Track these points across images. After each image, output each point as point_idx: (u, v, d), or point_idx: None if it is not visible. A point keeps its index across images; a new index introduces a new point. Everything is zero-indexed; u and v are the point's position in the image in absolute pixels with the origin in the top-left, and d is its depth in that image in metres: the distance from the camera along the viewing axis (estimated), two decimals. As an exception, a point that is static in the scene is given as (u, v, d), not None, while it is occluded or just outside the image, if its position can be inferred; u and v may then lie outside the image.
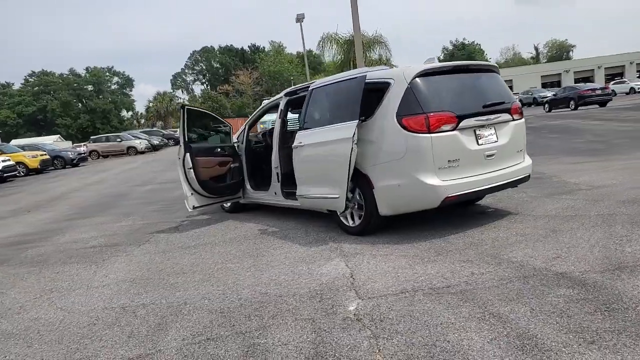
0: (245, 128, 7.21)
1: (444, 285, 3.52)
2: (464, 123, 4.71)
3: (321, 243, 5.09)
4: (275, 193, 6.51)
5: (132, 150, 33.17)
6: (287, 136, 6.51)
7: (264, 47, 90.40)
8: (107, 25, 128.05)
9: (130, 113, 79.92)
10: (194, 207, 6.73)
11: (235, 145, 7.19)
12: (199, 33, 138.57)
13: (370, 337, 2.86)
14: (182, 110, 6.56)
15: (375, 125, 4.84)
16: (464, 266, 3.87)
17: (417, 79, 4.70)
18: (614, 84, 46.32)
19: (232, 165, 6.97)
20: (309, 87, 6.09)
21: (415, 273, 3.85)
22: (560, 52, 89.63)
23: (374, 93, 4.91)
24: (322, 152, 5.15)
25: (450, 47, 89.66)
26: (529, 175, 5.39)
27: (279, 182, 6.39)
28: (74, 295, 4.36)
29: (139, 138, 34.98)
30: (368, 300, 3.41)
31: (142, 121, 71.50)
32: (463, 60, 18.41)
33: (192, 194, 6.68)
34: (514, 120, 5.22)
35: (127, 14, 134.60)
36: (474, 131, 4.82)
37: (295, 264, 4.49)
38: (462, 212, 5.69)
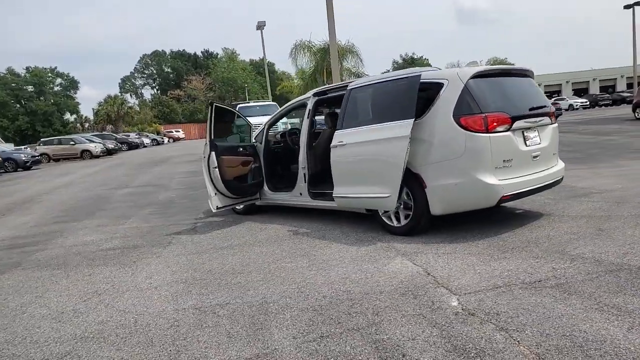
0: (265, 128, 7.07)
1: (534, 280, 3.56)
2: (516, 124, 4.83)
3: (368, 243, 5.04)
4: (301, 194, 6.40)
5: (86, 154, 31.67)
6: (315, 136, 6.43)
7: (217, 54, 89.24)
8: (52, 24, 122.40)
9: (74, 116, 76.27)
10: (217, 208, 6.50)
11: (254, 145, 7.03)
12: (149, 36, 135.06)
13: (497, 329, 2.85)
14: (209, 107, 6.34)
15: (428, 124, 4.86)
16: (539, 262, 3.94)
17: (472, 80, 4.77)
18: (554, 101, 49.07)
19: (253, 166, 6.80)
20: (342, 87, 6.06)
21: (493, 269, 3.88)
22: None
23: (423, 93, 4.93)
24: (370, 150, 5.11)
25: (400, 61, 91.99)
26: (562, 178, 5.58)
27: (306, 182, 6.29)
28: (128, 297, 4.08)
29: (93, 142, 33.48)
30: (466, 296, 3.40)
31: (87, 125, 68.43)
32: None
33: (215, 194, 6.46)
34: (552, 123, 5.40)
35: (73, 14, 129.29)
36: (522, 133, 4.94)
37: (356, 262, 4.41)
38: (488, 214, 5.68)
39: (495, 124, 4.66)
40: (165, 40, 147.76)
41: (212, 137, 6.34)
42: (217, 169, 6.32)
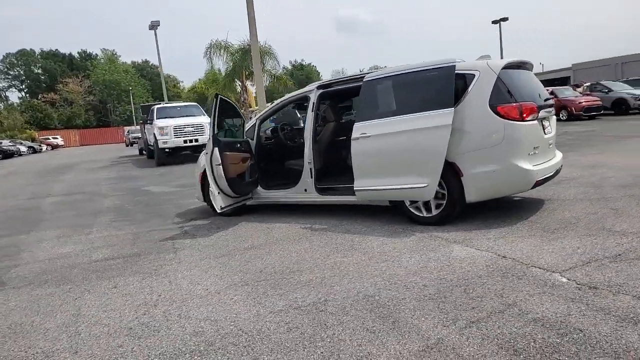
0: (256, 123, 6.72)
1: (614, 254, 3.79)
2: (540, 114, 5.12)
3: (405, 234, 5.01)
4: (306, 190, 6.19)
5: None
6: (319, 131, 6.26)
7: (96, 54, 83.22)
8: None
9: None
10: (221, 208, 6.04)
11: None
12: (13, 33, 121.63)
13: (636, 298, 2.98)
14: (215, 99, 5.87)
15: (462, 113, 4.95)
16: (597, 239, 4.20)
17: (502, 70, 4.97)
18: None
19: (250, 163, 6.43)
20: (347, 80, 5.97)
21: (563, 248, 4.06)
22: None
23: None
24: (403, 141, 5.09)
25: (290, 67, 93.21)
26: (562, 166, 6.02)
27: (312, 178, 6.09)
28: (194, 305, 3.63)
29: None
30: (568, 273, 3.52)
31: None
32: (303, 79, 19.72)
33: (219, 192, 6.00)
34: (554, 114, 5.81)
35: None
36: (541, 122, 5.25)
37: (416, 253, 4.35)
38: (488, 204, 5.71)
39: (527, 112, 4.90)
40: (32, 38, 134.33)
41: (216, 132, 5.89)
42: (220, 166, 5.88)
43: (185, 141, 16.79)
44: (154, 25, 34.73)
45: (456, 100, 5.01)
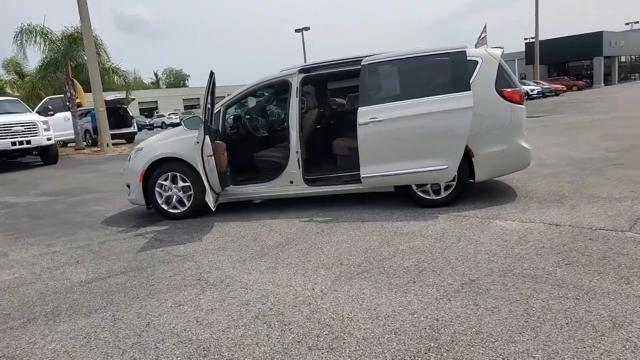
0: (222, 110, 5.97)
1: (643, 214, 4.42)
2: (524, 99, 5.67)
3: (426, 217, 5.02)
4: (292, 182, 5.76)
5: None
6: (303, 117, 5.88)
7: None
8: None
9: None
10: (214, 206, 5.21)
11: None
12: None
13: None
14: (210, 78, 5.00)
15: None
16: (616, 204, 4.82)
17: (500, 58, 5.37)
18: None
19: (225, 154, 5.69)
20: (334, 64, 5.77)
21: (593, 214, 4.58)
22: (177, 80, 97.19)
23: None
24: (422, 123, 5.09)
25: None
26: None
27: (299, 168, 5.70)
28: (331, 306, 3.13)
29: None
30: (633, 229, 3.99)
31: None
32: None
33: (210, 188, 5.17)
34: None
35: None
36: None
37: (462, 234, 4.40)
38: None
39: (523, 97, 5.38)
40: None
41: (206, 117, 5.06)
42: (212, 157, 5.08)
43: (14, 143, 13.91)
44: None
45: (462, 85, 5.20)
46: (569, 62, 54.38)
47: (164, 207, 6.05)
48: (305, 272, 3.74)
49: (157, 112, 60.71)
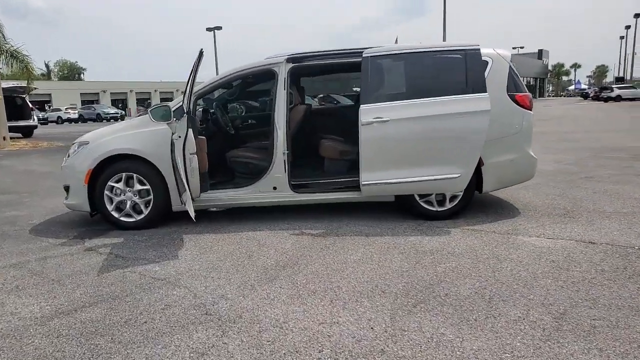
0: (192, 100, 4.96)
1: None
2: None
3: (436, 231, 4.53)
4: (276, 188, 4.97)
5: None
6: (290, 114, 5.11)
7: None
8: None
9: None
10: (194, 214, 4.26)
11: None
12: None
13: None
14: (199, 58, 4.05)
15: (481, 101, 4.78)
16: (629, 220, 4.63)
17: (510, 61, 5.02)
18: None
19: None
20: (327, 54, 5.09)
21: (618, 230, 4.34)
22: (72, 72, 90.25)
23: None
24: (433, 126, 4.55)
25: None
26: None
27: (286, 172, 4.93)
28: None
29: None
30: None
31: None
32: None
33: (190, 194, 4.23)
34: None
35: None
36: None
37: (492, 247, 3.98)
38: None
39: (532, 102, 5.06)
40: None
41: (190, 105, 4.13)
42: (195, 156, 4.16)
43: None
44: None
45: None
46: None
47: (115, 214, 4.97)
48: (344, 303, 3.01)
49: (50, 106, 55.41)
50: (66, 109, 46.09)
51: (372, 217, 5.06)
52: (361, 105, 4.62)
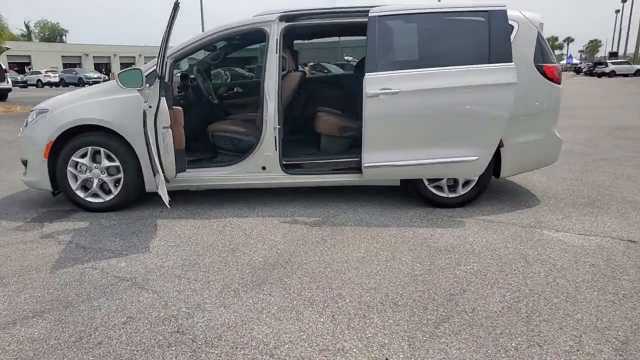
0: (167, 64, 4.24)
1: None
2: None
3: (444, 222, 3.97)
4: (265, 168, 4.34)
5: None
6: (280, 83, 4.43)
7: None
8: None
9: None
10: (169, 200, 3.63)
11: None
12: None
13: None
14: (173, 11, 3.34)
15: (504, 72, 4.14)
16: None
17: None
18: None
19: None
20: (323, 13, 4.38)
21: (612, 225, 3.81)
22: (53, 34, 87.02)
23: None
24: (449, 101, 3.93)
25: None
26: None
27: (277, 150, 4.29)
28: None
29: None
30: None
31: None
32: None
33: (164, 174, 3.58)
34: None
35: None
36: None
37: (519, 243, 3.44)
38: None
39: (561, 75, 4.44)
40: None
41: (164, 69, 3.44)
42: (169, 130, 3.49)
43: None
44: None
45: (491, 56, 4.11)
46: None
47: (80, 194, 4.33)
48: (348, 319, 2.43)
49: (30, 69, 53.42)
50: (46, 72, 44.39)
51: (373, 202, 4.48)
52: (366, 74, 3.96)
